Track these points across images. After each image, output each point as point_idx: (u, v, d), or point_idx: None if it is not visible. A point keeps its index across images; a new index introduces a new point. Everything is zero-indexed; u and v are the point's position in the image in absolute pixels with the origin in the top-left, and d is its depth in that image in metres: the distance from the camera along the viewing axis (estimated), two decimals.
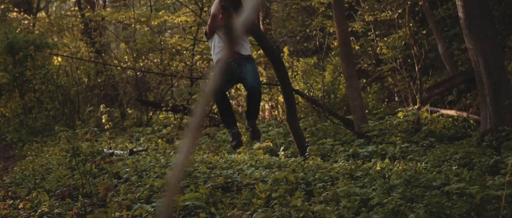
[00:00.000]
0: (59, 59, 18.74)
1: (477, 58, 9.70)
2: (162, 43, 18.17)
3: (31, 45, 16.62)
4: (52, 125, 15.40)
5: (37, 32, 20.83)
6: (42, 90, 16.53)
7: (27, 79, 16.75)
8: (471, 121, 11.99)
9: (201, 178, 7.41)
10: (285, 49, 16.78)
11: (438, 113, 12.90)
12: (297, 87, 15.21)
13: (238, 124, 8.08)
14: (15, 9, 24.04)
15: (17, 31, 18.81)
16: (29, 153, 12.23)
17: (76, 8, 22.81)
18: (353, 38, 16.18)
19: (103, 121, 12.58)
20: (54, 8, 31.73)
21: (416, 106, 13.12)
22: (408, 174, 6.61)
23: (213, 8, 7.60)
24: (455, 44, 16.33)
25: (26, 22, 22.99)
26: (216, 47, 7.58)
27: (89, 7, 22.50)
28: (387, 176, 7.00)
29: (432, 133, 11.02)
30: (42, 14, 26.01)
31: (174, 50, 18.05)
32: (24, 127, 16.04)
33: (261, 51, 14.58)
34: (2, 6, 22.26)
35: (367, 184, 6.65)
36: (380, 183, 6.38)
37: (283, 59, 11.29)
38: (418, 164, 8.05)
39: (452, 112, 13.26)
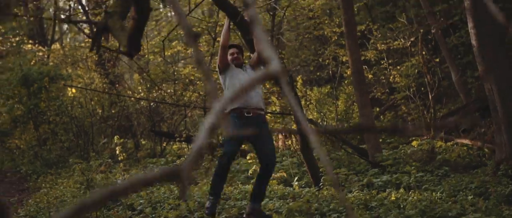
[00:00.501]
0: (73, 90, 18.85)
1: (491, 86, 9.66)
2: (175, 73, 18.25)
3: (45, 77, 16.73)
4: (67, 156, 15.44)
5: (51, 64, 21.00)
6: (57, 122, 16.59)
7: (41, 111, 16.84)
8: (486, 150, 11.90)
9: None
10: (298, 79, 16.80)
11: (452, 141, 12.82)
12: (310, 117, 15.20)
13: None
14: (30, 41, 24.25)
15: (32, 63, 18.96)
16: (43, 185, 12.25)
17: (90, 40, 22.94)
18: (366, 66, 16.19)
19: (117, 152, 12.62)
20: (68, 40, 32.01)
21: (430, 135, 13.06)
22: (424, 204, 6.57)
23: (221, 38, 7.01)
24: (469, 72, 16.28)
25: (40, 54, 23.14)
26: (231, 88, 6.82)
27: (103, 38, 22.64)
28: (402, 206, 6.95)
29: (447, 162, 10.96)
30: (56, 46, 26.21)
31: (187, 80, 18.11)
32: (38, 159, 16.08)
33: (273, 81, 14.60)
34: (17, 39, 22.49)
35: (382, 214, 6.60)
36: (395, 213, 6.34)
37: (296, 89, 11.30)
38: (433, 193, 7.98)
39: (466, 140, 13.16)
